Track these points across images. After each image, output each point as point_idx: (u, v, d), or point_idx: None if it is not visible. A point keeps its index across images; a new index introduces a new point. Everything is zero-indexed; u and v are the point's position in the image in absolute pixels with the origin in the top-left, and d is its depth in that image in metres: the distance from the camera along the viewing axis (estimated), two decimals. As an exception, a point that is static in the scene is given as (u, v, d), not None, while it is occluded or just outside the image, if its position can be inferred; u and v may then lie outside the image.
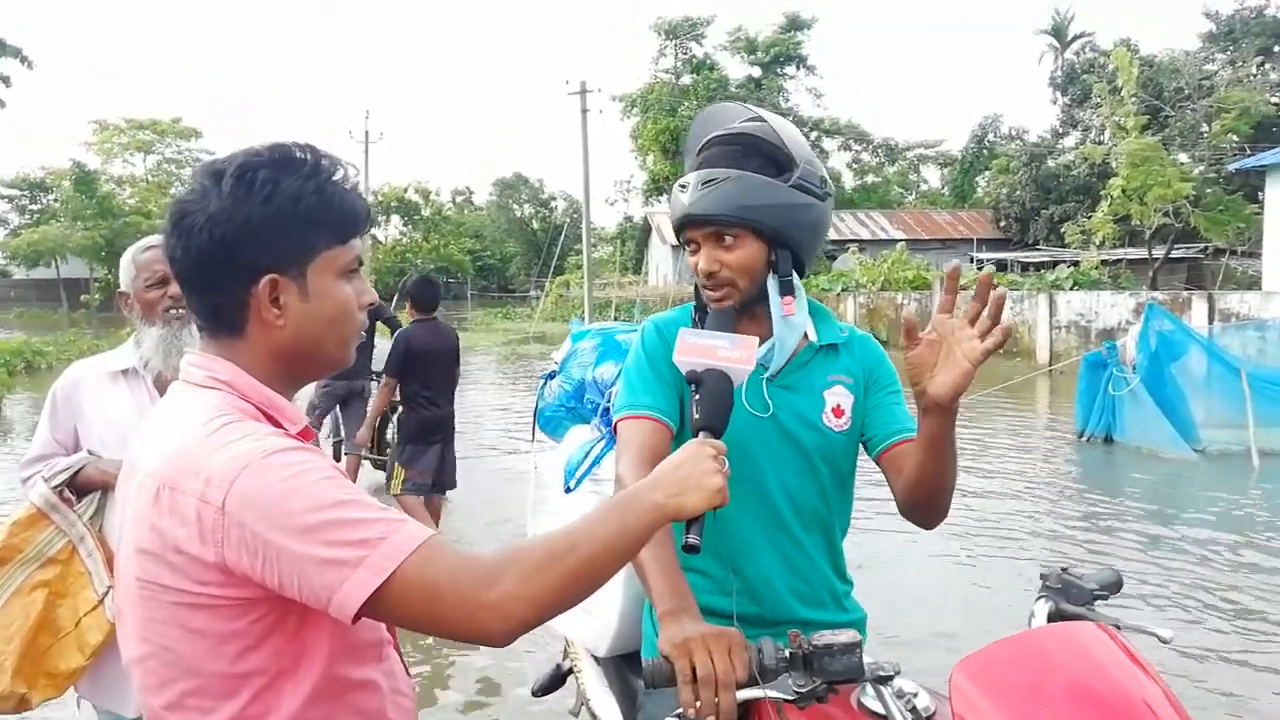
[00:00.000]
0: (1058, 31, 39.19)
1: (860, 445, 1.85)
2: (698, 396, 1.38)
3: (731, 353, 1.40)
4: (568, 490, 2.23)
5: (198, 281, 1.18)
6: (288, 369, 1.22)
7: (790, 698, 1.33)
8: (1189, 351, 9.97)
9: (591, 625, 2.18)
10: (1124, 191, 24.16)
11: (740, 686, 1.31)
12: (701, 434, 1.33)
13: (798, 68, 45.66)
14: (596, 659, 2.25)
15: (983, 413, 12.47)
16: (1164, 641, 1.60)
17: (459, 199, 64.74)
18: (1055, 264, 27.19)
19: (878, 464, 1.82)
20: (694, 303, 1.88)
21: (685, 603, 1.50)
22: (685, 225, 1.76)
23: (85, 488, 2.18)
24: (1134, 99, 24.53)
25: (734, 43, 44.84)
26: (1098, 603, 1.57)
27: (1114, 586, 1.65)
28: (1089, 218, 26.65)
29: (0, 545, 2.11)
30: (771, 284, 1.75)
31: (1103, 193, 25.74)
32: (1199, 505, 7.63)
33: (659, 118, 42.93)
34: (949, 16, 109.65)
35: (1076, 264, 25.56)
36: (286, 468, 1.06)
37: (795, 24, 44.63)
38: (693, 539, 1.26)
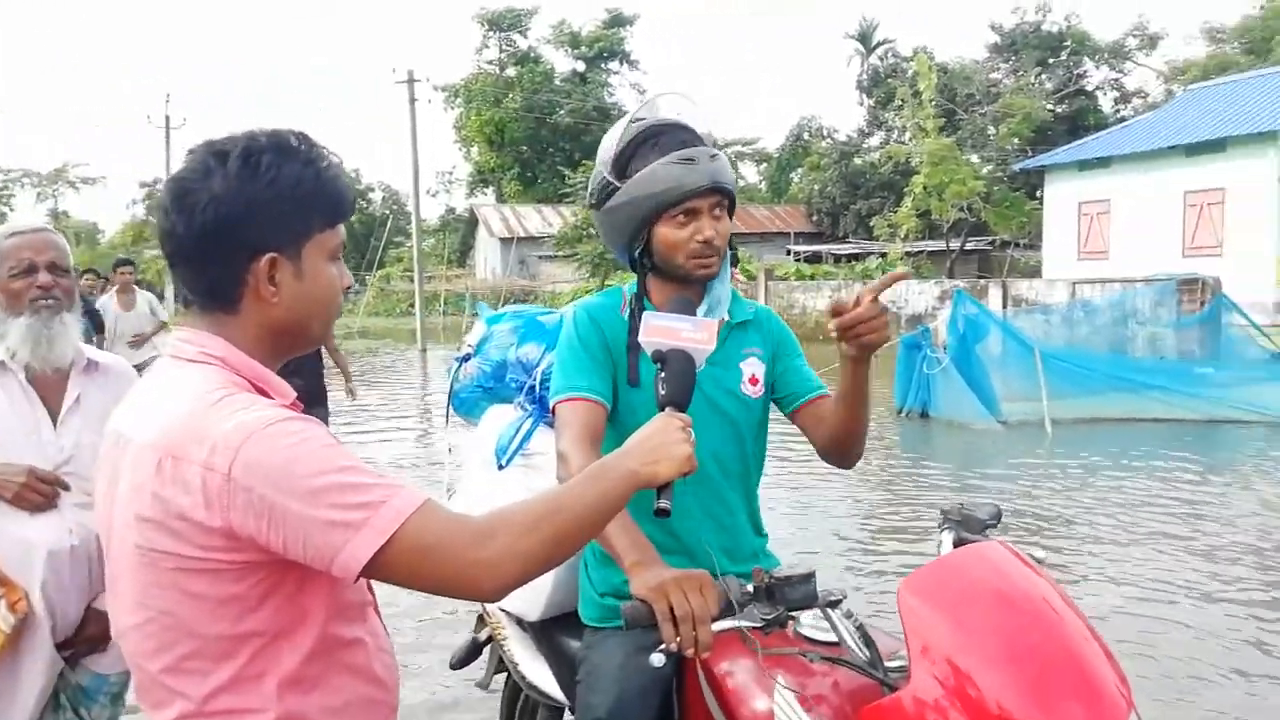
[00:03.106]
0: (864, 37, 41.38)
1: (772, 404, 2.06)
2: (663, 375, 1.47)
3: (695, 334, 1.50)
4: (500, 468, 2.32)
5: (197, 258, 1.22)
6: (275, 344, 1.27)
7: (758, 624, 1.52)
8: (990, 333, 11.04)
9: (523, 592, 2.26)
10: (924, 188, 26.13)
11: (713, 619, 1.48)
12: (668, 409, 1.41)
13: (621, 63, 46.24)
14: (523, 626, 2.36)
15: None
16: (1039, 561, 1.91)
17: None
18: (865, 255, 29.00)
19: (792, 419, 2.03)
20: (626, 287, 1.99)
21: (650, 554, 1.65)
22: (695, 195, 1.83)
23: None
24: (932, 103, 26.53)
25: (558, 36, 44.84)
26: (988, 530, 1.86)
27: (998, 517, 1.95)
28: (894, 212, 28.55)
29: None
30: (728, 257, 1.94)
31: (906, 189, 27.68)
32: (1001, 466, 8.63)
33: (484, 109, 42.42)
34: (763, 7, 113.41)
35: (884, 255, 27.37)
36: (289, 435, 1.11)
37: (618, 20, 45.11)
38: (663, 503, 1.35)
